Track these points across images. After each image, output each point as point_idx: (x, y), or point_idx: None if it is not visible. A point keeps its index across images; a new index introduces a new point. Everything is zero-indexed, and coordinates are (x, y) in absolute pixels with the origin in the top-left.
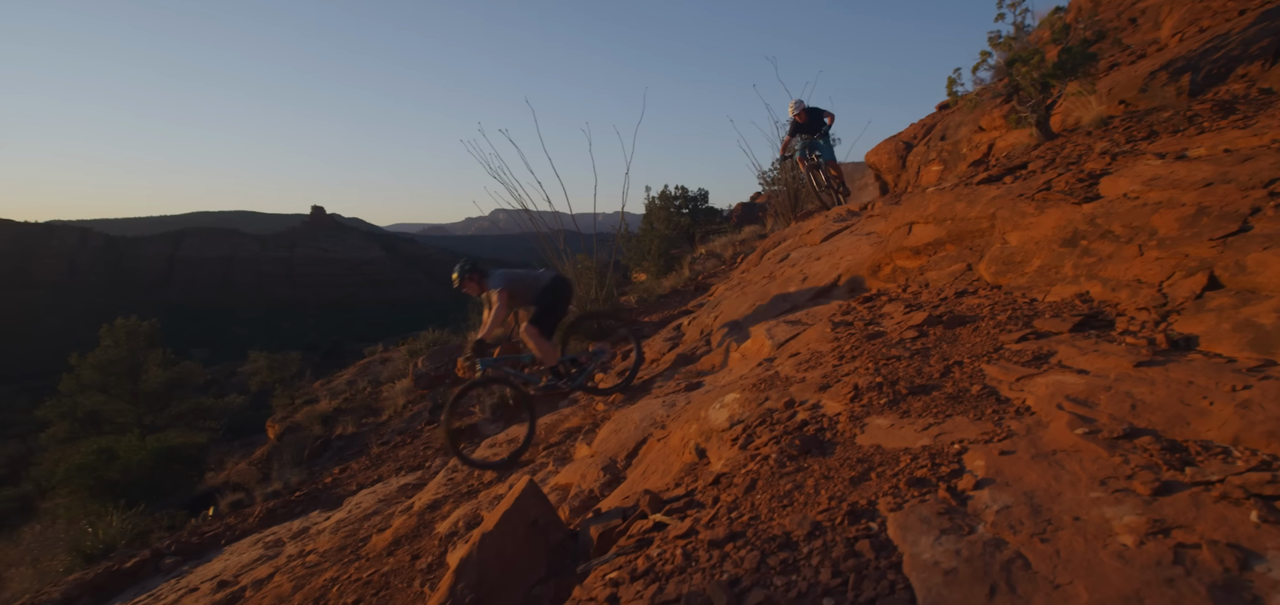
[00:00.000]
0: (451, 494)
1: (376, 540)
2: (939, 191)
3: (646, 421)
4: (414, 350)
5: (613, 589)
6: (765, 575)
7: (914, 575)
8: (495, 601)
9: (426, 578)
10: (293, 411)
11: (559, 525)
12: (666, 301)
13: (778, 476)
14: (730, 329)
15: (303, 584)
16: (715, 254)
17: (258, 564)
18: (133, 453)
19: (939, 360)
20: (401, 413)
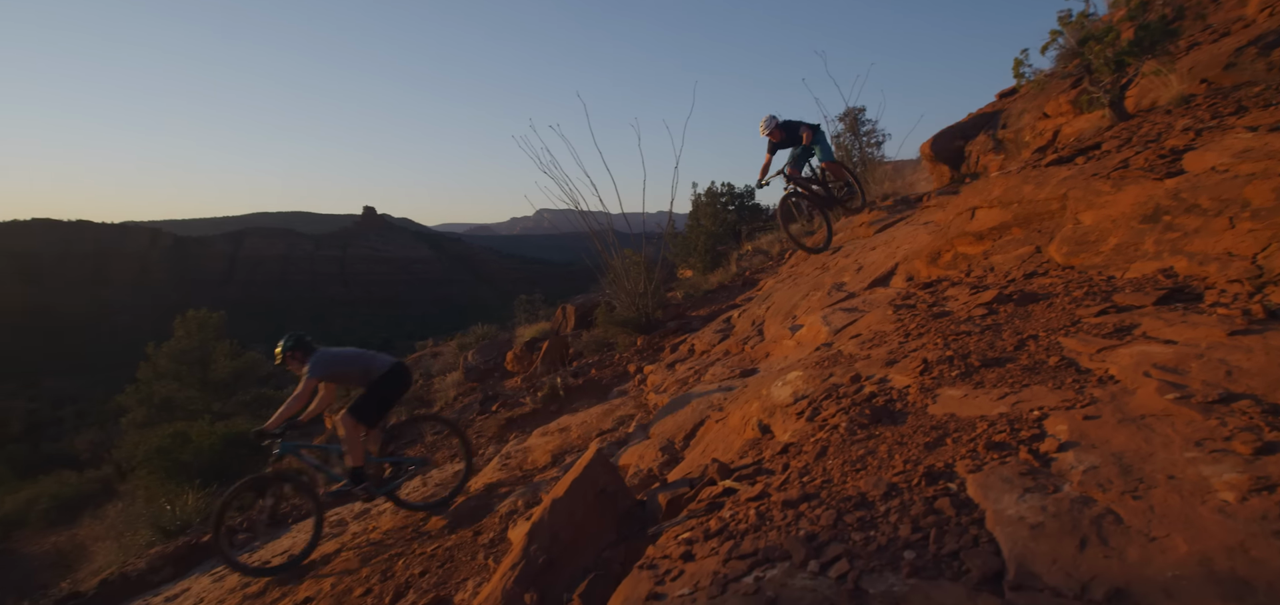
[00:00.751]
0: (507, 478)
1: (435, 519)
2: (1004, 175)
3: (703, 404)
4: (464, 344)
5: (687, 546)
6: (842, 531)
7: (998, 529)
8: (566, 562)
9: (489, 551)
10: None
11: (627, 493)
12: (714, 296)
13: (849, 443)
14: (784, 318)
15: (369, 558)
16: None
17: (324, 540)
18: (204, 437)
19: (1012, 335)
20: (452, 404)
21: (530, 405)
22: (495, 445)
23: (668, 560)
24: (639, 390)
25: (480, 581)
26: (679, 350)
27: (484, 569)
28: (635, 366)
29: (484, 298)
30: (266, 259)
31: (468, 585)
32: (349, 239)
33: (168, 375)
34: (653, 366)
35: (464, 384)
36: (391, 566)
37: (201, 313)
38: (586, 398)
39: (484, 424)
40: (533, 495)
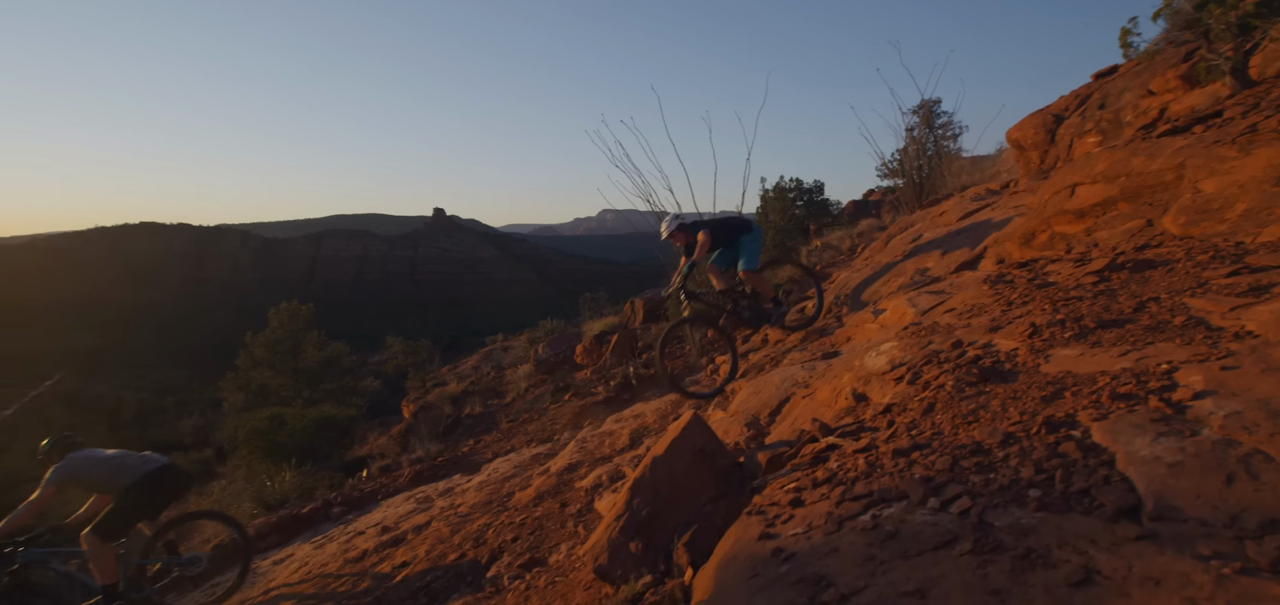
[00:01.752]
0: (585, 459)
1: (520, 495)
2: (1109, 150)
3: (788, 383)
4: (533, 338)
5: (795, 494)
6: (960, 474)
7: (1131, 469)
8: (668, 515)
9: (578, 520)
10: (425, 393)
11: (725, 453)
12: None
13: (957, 400)
14: (864, 303)
15: (458, 528)
16: (831, 245)
17: (413, 514)
18: (297, 420)
19: (1129, 299)
20: (524, 395)
21: (603, 394)
22: (570, 431)
23: (776, 507)
24: (711, 378)
25: (573, 545)
26: (751, 340)
27: (574, 535)
28: (708, 358)
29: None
30: (344, 259)
31: (561, 547)
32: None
33: (263, 363)
34: (724, 357)
35: (534, 375)
36: (484, 534)
37: (293, 304)
38: (658, 387)
39: (558, 411)
40: (615, 471)
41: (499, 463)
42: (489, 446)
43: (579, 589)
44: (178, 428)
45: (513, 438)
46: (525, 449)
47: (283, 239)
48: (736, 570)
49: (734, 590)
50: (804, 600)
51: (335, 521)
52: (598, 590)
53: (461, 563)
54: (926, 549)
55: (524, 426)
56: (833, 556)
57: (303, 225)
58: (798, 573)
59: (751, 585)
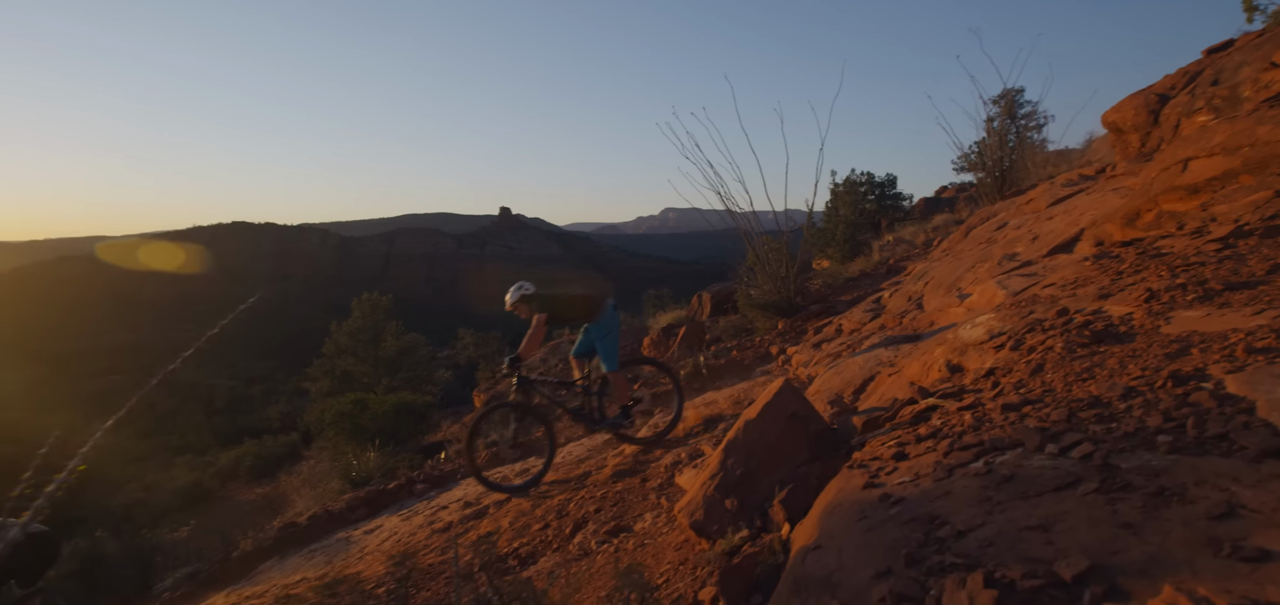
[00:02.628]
0: (658, 443)
1: (597, 475)
2: (1228, 121)
3: (872, 362)
4: None
5: (898, 448)
6: (1079, 424)
7: (1274, 414)
8: (762, 475)
9: (660, 493)
10: (495, 383)
11: (818, 419)
12: (856, 283)
13: (1068, 360)
14: (946, 290)
15: (539, 503)
16: (904, 240)
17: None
18: (378, 405)
19: (1260, 262)
20: None
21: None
22: (641, 418)
23: (878, 461)
24: (783, 368)
25: (657, 515)
26: (824, 331)
27: (657, 506)
28: (778, 348)
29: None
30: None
31: (645, 517)
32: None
33: (347, 351)
34: (796, 347)
35: None
36: (565, 506)
37: (373, 295)
38: (728, 376)
39: None
40: (693, 450)
41: (572, 447)
42: (560, 432)
43: (670, 550)
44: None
45: None
46: (597, 435)
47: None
48: (843, 515)
49: (841, 531)
50: (919, 535)
51: (419, 498)
52: (689, 549)
53: (546, 531)
54: (1047, 490)
55: None
56: (945, 499)
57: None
58: (908, 513)
59: (860, 526)
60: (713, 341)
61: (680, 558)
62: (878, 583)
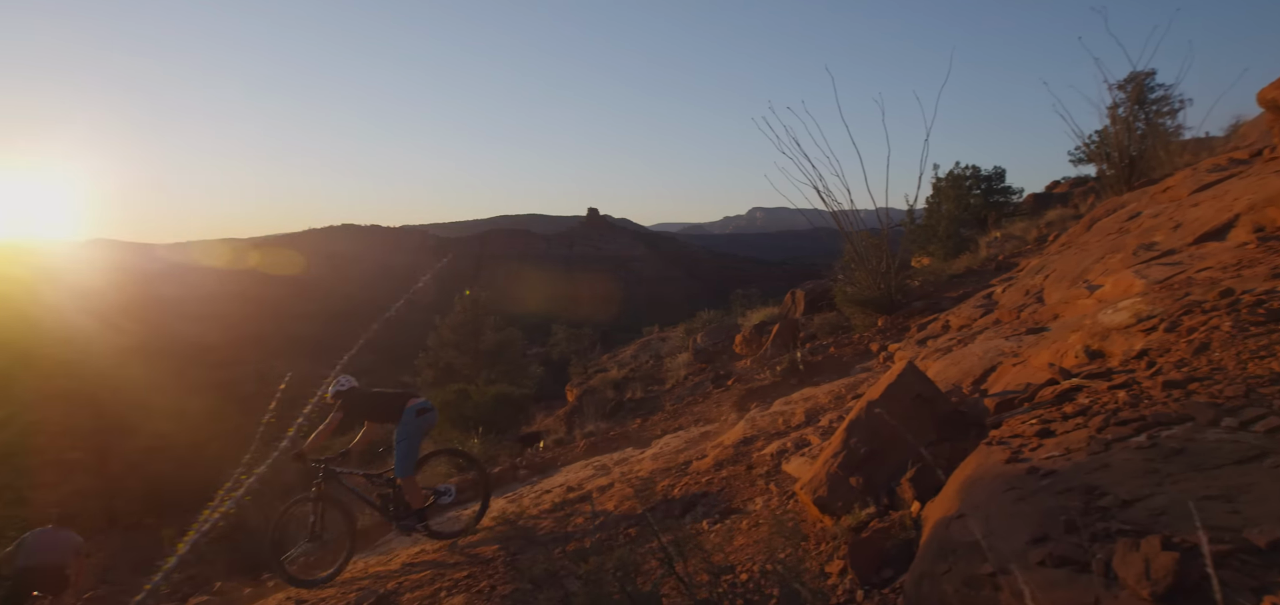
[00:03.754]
0: (759, 434)
1: (698, 464)
2: None
3: (992, 353)
4: (691, 329)
5: (1042, 425)
6: (1260, 399)
7: None
8: (887, 454)
9: (768, 479)
10: (587, 378)
11: (945, 400)
12: (961, 280)
13: (1239, 338)
14: (1071, 283)
15: (643, 489)
16: (1013, 236)
17: (594, 477)
18: (480, 395)
19: None
20: (683, 381)
21: (768, 379)
22: (736, 412)
23: (1020, 438)
24: (884, 366)
25: (768, 499)
26: (929, 327)
27: (767, 491)
28: (878, 345)
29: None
30: (506, 257)
31: (756, 500)
32: (575, 238)
33: (450, 344)
34: (898, 344)
35: (693, 364)
36: (668, 493)
37: (473, 292)
38: (825, 373)
39: (721, 396)
40: (800, 440)
41: (669, 438)
42: (657, 424)
43: (786, 529)
44: None
45: (679, 418)
46: (692, 428)
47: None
48: (986, 488)
49: (987, 502)
50: (1077, 504)
51: (522, 482)
52: (809, 528)
53: (652, 513)
54: (1226, 463)
55: (689, 408)
56: (1103, 471)
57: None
58: (1062, 485)
59: (1008, 497)
60: (807, 339)
61: (797, 538)
62: (1035, 547)
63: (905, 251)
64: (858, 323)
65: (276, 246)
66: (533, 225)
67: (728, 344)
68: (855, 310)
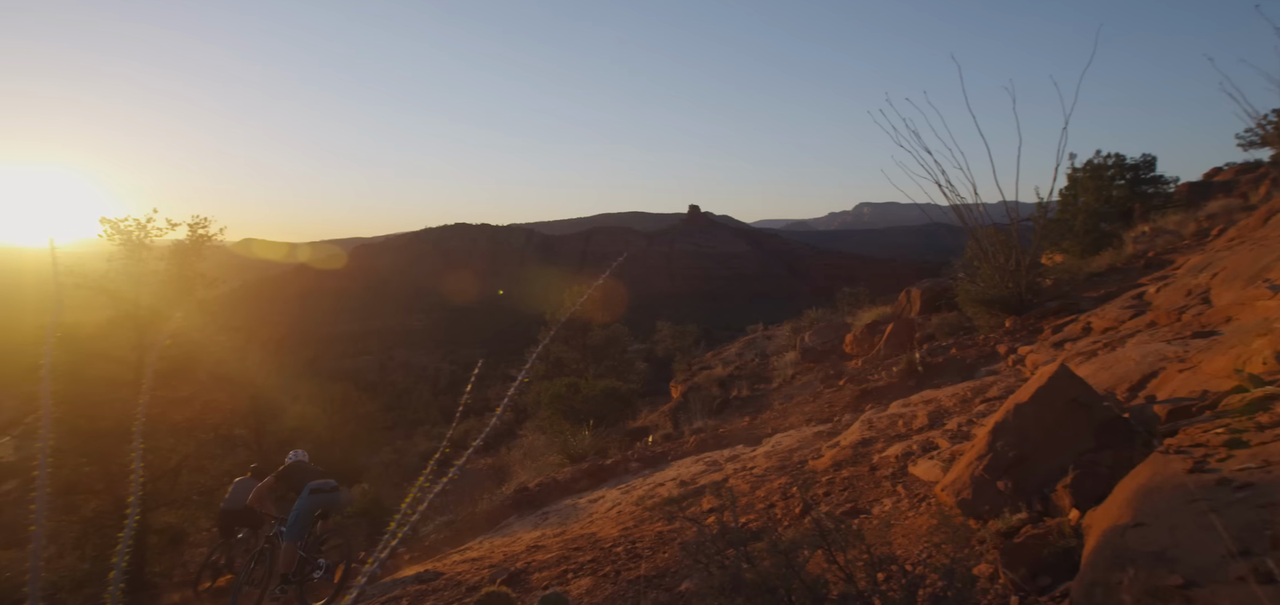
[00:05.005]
0: (878, 436)
1: (814, 463)
2: None
3: (1152, 357)
4: (798, 327)
5: (1231, 436)
6: None
7: None
8: (1038, 459)
9: (895, 481)
10: (692, 374)
11: (1104, 407)
12: (1102, 279)
13: None
14: (1245, 282)
15: (758, 485)
16: (1166, 230)
17: (706, 472)
18: (589, 389)
19: None
20: (790, 380)
21: (884, 380)
22: (850, 413)
23: (1203, 448)
24: (1013, 370)
25: (896, 500)
26: (1066, 330)
27: (894, 493)
28: (1006, 347)
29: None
30: (608, 254)
31: (883, 502)
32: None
33: (559, 339)
34: (1030, 346)
35: (801, 363)
36: (788, 489)
37: (581, 288)
38: (947, 376)
39: (833, 396)
40: (926, 443)
41: (780, 437)
42: (767, 423)
43: (920, 531)
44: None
45: (789, 417)
46: (804, 427)
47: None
48: (1168, 499)
49: (1169, 512)
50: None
51: (633, 474)
52: (948, 530)
53: (772, 511)
54: None
55: (799, 408)
56: None
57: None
58: (1263, 499)
59: (1195, 508)
60: (925, 339)
61: (937, 539)
62: (1234, 561)
63: (1036, 248)
64: (982, 323)
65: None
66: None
67: (837, 343)
68: (979, 310)
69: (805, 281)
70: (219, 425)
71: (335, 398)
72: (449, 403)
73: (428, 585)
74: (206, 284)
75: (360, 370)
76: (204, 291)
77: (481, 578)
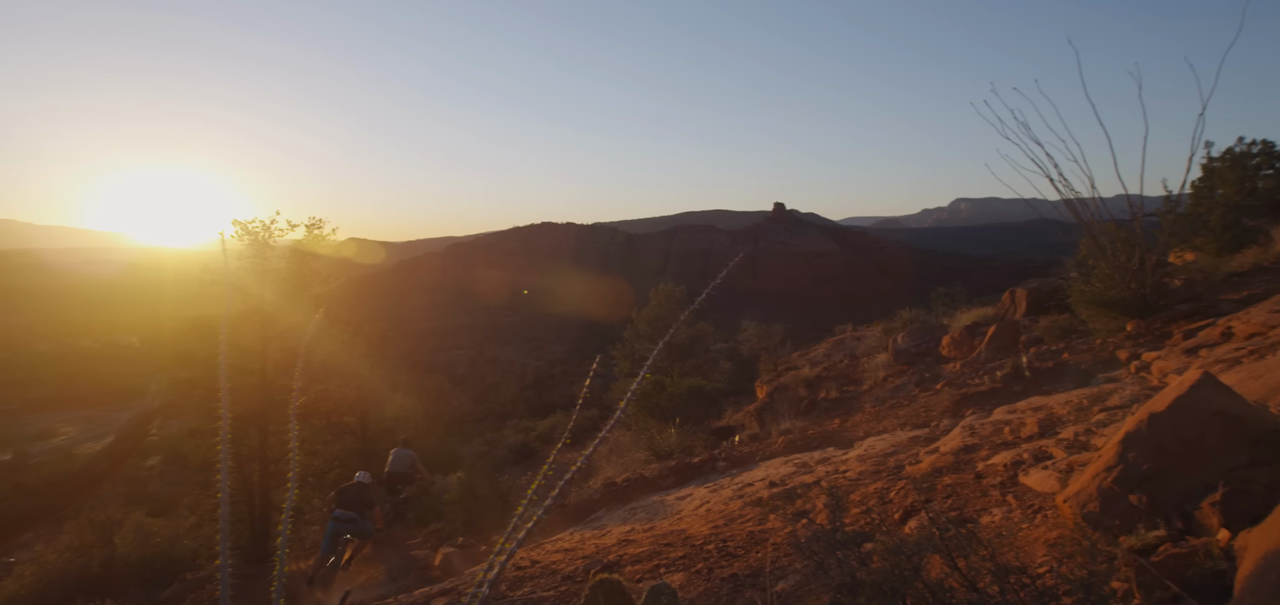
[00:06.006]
0: (981, 443)
1: (912, 468)
2: None
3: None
4: (890, 329)
5: None
6: None
7: None
8: (1175, 472)
9: (1004, 491)
10: (778, 375)
11: (1257, 419)
12: (1245, 279)
13: None
14: None
15: (852, 489)
16: None
17: (796, 474)
18: (674, 387)
19: None
20: (882, 382)
21: (986, 384)
22: (949, 418)
23: None
24: (1136, 377)
25: (1007, 511)
26: (1201, 335)
27: (1005, 503)
28: (1128, 352)
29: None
30: (691, 252)
31: (992, 512)
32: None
33: (645, 336)
34: (1156, 353)
35: (893, 365)
36: (885, 494)
37: (667, 286)
38: (1058, 382)
39: (929, 400)
40: (1039, 452)
41: (873, 441)
42: (858, 426)
43: (1037, 544)
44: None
45: (882, 420)
46: (899, 431)
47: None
48: None
49: None
50: None
51: (720, 474)
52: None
53: (870, 516)
54: None
55: (893, 411)
56: None
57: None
58: None
59: None
60: (1032, 343)
61: (1061, 552)
62: None
63: (1163, 245)
64: (1098, 326)
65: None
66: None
67: (933, 345)
68: (1095, 312)
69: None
70: (330, 413)
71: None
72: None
73: (523, 571)
74: (320, 280)
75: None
76: (318, 287)
77: (576, 568)
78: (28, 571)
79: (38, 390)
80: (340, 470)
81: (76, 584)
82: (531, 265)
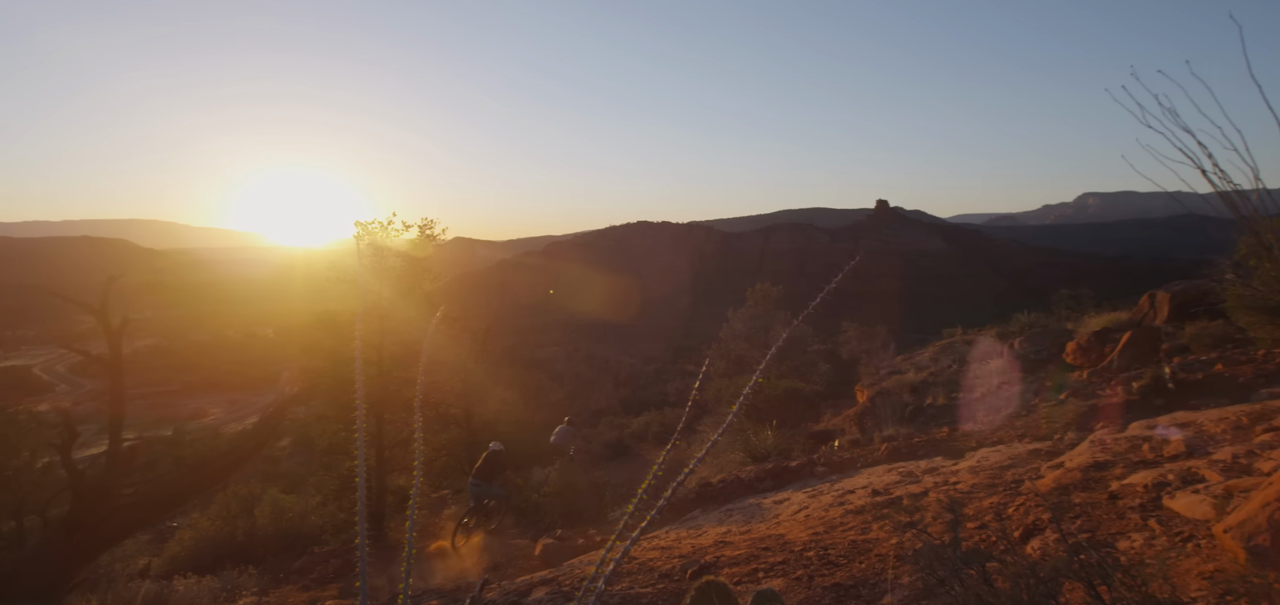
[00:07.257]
0: (1115, 460)
1: (1032, 483)
2: None
3: None
4: (1004, 333)
5: None
6: None
7: None
8: None
9: (1144, 514)
10: (880, 379)
11: None
12: None
13: None
14: None
15: (964, 502)
16: None
17: (901, 483)
18: (771, 389)
19: None
20: (995, 391)
21: (1120, 396)
22: (1074, 431)
23: None
24: None
25: (1147, 538)
26: None
27: (1145, 528)
28: None
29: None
30: (788, 251)
31: (1131, 537)
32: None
33: (740, 337)
34: None
35: (1008, 372)
36: (1001, 509)
37: (764, 286)
38: (1211, 395)
39: (1052, 411)
40: (1186, 473)
41: (986, 452)
42: (969, 436)
43: (1191, 575)
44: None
45: (996, 431)
46: (1016, 443)
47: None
48: None
49: None
50: None
51: (819, 479)
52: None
53: (985, 532)
54: None
55: (1009, 422)
56: None
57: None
58: None
59: None
60: (1175, 352)
61: (1216, 589)
62: None
63: None
64: (1261, 336)
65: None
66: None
67: (1055, 352)
68: (1258, 319)
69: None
70: (439, 404)
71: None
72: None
73: (620, 567)
74: (432, 278)
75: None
76: (429, 285)
77: (672, 566)
78: (187, 536)
79: (192, 375)
80: (446, 459)
81: (226, 549)
82: (627, 264)
